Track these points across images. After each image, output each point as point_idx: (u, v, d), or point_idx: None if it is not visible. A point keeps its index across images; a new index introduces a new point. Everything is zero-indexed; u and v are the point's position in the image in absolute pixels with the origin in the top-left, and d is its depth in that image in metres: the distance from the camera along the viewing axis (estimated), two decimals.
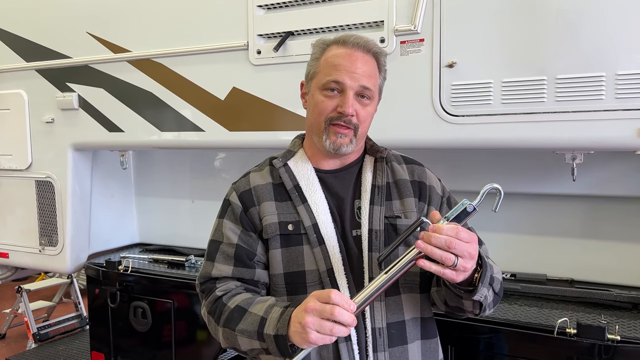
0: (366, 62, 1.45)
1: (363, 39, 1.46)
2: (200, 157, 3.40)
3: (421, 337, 1.47)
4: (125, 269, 3.06)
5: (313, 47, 1.53)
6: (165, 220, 3.55)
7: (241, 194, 1.52)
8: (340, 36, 1.49)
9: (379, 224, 1.45)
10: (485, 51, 2.11)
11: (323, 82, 1.44)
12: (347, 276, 1.42)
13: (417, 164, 1.62)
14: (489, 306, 1.42)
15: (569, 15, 1.97)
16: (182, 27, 2.74)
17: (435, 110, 2.20)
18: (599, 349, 1.92)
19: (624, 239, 2.42)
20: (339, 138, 1.44)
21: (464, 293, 1.33)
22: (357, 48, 1.44)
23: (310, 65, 1.51)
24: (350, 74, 1.42)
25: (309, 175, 1.51)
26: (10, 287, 5.50)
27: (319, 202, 1.47)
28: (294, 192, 1.48)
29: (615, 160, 2.37)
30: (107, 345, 3.20)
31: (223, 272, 1.48)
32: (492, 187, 1.27)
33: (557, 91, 2.00)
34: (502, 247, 2.61)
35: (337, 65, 1.43)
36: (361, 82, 1.42)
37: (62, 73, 3.15)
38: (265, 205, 1.48)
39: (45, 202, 3.31)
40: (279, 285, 1.46)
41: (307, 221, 1.45)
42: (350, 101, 1.42)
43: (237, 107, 2.63)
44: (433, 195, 1.55)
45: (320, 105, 1.45)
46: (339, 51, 1.45)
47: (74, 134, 3.17)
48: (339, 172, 1.54)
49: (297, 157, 1.55)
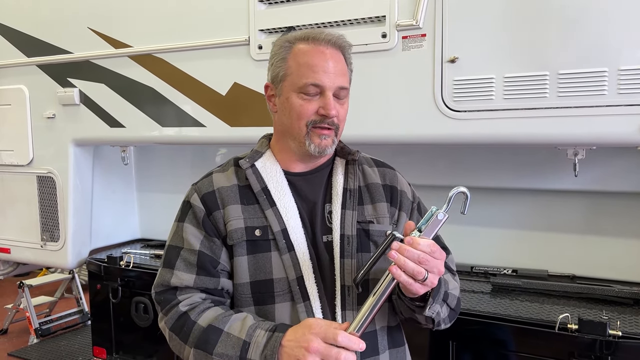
0: (337, 59, 1.38)
1: (332, 34, 1.39)
2: (202, 152, 3.40)
3: (391, 347, 1.43)
4: (127, 265, 3.06)
5: (275, 47, 1.43)
6: (166, 215, 3.51)
7: (203, 196, 1.41)
8: (305, 33, 1.40)
9: (351, 229, 1.39)
10: (487, 46, 2.10)
11: (299, 84, 1.35)
12: (318, 284, 1.35)
13: (388, 167, 1.56)
14: (444, 321, 1.39)
15: (571, 11, 1.96)
16: (183, 22, 2.74)
17: (437, 106, 2.19)
18: (600, 344, 1.92)
19: (626, 235, 2.42)
20: (323, 140, 1.37)
21: (417, 308, 1.31)
22: (328, 45, 1.37)
23: (278, 67, 1.40)
24: (327, 75, 1.35)
25: (277, 177, 1.43)
26: (12, 283, 5.50)
27: (289, 206, 1.39)
28: (262, 195, 1.40)
29: (617, 156, 2.37)
30: (108, 340, 3.21)
31: (185, 281, 1.37)
32: (458, 191, 1.25)
33: (559, 86, 1.99)
34: (503, 242, 2.62)
35: (312, 66, 1.35)
36: (338, 83, 1.36)
37: (63, 68, 3.15)
38: (230, 209, 1.38)
39: (47, 197, 3.31)
40: (244, 295, 1.37)
41: (275, 226, 1.36)
42: (332, 102, 1.35)
43: (238, 103, 2.62)
44: (404, 200, 1.49)
45: (299, 109, 1.36)
46: (309, 50, 1.37)
47: (75, 130, 3.17)
48: (308, 174, 1.46)
49: (265, 158, 1.46)
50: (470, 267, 2.63)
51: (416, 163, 2.68)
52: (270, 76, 1.45)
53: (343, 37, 1.42)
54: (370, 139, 2.30)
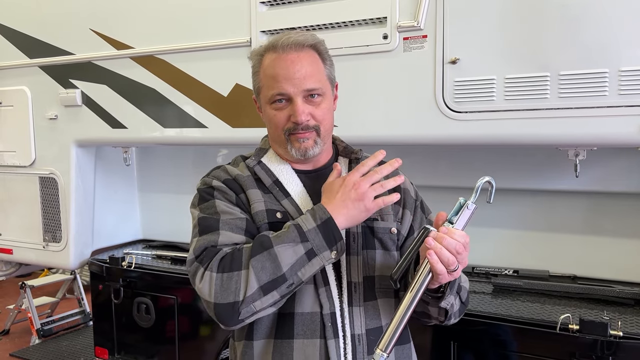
0: (305, 61, 1.38)
1: (292, 37, 1.39)
2: (203, 153, 3.41)
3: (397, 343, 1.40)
4: (129, 265, 3.07)
5: (252, 60, 1.47)
6: (168, 216, 3.55)
7: (225, 181, 1.43)
8: (273, 41, 1.41)
9: (356, 226, 1.40)
10: (488, 47, 2.10)
11: (268, 96, 1.40)
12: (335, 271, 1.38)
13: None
14: (455, 315, 1.41)
15: (571, 11, 1.96)
16: (185, 23, 2.74)
17: (438, 107, 2.20)
18: (601, 344, 1.92)
19: (627, 235, 2.42)
20: (303, 143, 1.39)
21: (432, 299, 1.32)
22: (289, 50, 1.38)
23: (254, 80, 1.46)
24: (290, 81, 1.36)
25: (287, 170, 1.46)
26: (14, 283, 5.52)
27: (303, 197, 1.42)
28: (275, 188, 1.43)
29: (618, 156, 2.37)
30: (110, 340, 3.21)
31: (234, 239, 1.32)
32: (484, 180, 1.27)
33: (560, 87, 2.00)
34: (504, 243, 2.62)
35: (274, 75, 1.37)
36: (304, 86, 1.36)
37: (65, 69, 3.15)
38: (251, 193, 1.41)
39: (49, 198, 3.32)
40: None
41: (294, 214, 1.38)
42: (300, 108, 1.36)
43: (240, 104, 2.63)
44: (407, 198, 1.51)
45: (274, 120, 1.40)
46: (273, 60, 1.39)
47: (77, 131, 3.18)
48: (311, 173, 1.48)
49: (271, 154, 1.49)
50: (471, 268, 2.64)
51: (417, 164, 2.69)
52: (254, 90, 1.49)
53: (312, 35, 1.43)
54: (371, 139, 2.31)
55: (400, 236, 1.48)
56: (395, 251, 1.46)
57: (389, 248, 1.45)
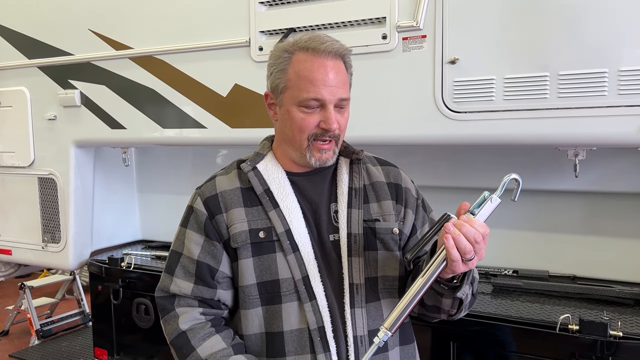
0: (338, 69, 1.37)
1: (332, 44, 1.37)
2: (202, 153, 3.40)
3: (400, 343, 1.43)
4: (128, 266, 3.07)
5: (273, 56, 1.42)
6: (167, 216, 3.55)
7: (206, 199, 1.43)
8: (305, 42, 1.37)
9: (357, 227, 1.40)
10: (487, 47, 2.10)
11: (300, 99, 1.35)
12: (324, 283, 1.37)
13: (392, 165, 1.57)
14: (466, 307, 1.39)
15: (571, 11, 1.96)
16: (184, 24, 2.74)
17: (437, 107, 2.19)
18: (601, 345, 1.92)
19: (627, 235, 2.42)
20: (324, 154, 1.40)
21: (447, 290, 1.31)
22: (328, 56, 1.36)
23: (277, 78, 1.40)
24: (327, 88, 1.34)
25: (280, 178, 1.44)
26: (13, 284, 5.52)
27: (292, 207, 1.40)
28: (265, 197, 1.41)
29: (617, 156, 2.37)
30: (110, 341, 3.21)
31: (182, 289, 1.41)
32: (510, 177, 1.27)
33: (560, 87, 1.99)
34: (504, 243, 2.62)
35: (312, 80, 1.34)
36: (339, 95, 1.36)
37: (64, 70, 3.15)
38: (233, 213, 1.40)
39: (48, 199, 3.32)
40: (252, 297, 1.38)
41: (279, 227, 1.38)
42: (334, 117, 1.36)
43: (239, 104, 2.63)
44: (409, 197, 1.51)
45: (301, 123, 1.37)
46: (309, 62, 1.35)
47: (76, 131, 3.17)
48: (311, 174, 1.47)
49: (267, 160, 1.47)
50: None
51: (417, 164, 2.69)
52: (269, 85, 1.45)
53: (342, 43, 1.41)
54: (371, 140, 2.30)
55: (403, 236, 1.47)
56: (397, 251, 1.46)
57: (391, 248, 1.44)
